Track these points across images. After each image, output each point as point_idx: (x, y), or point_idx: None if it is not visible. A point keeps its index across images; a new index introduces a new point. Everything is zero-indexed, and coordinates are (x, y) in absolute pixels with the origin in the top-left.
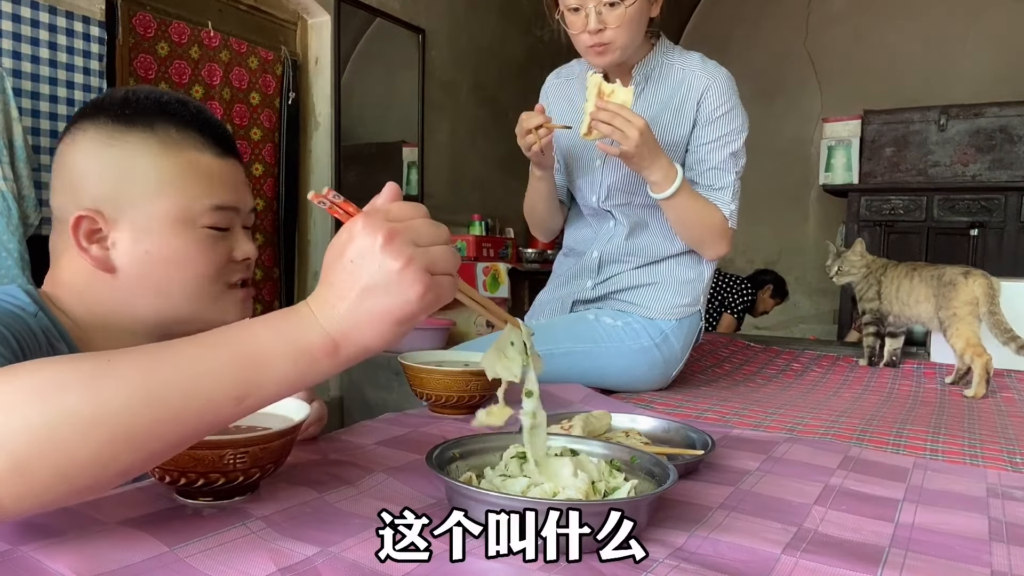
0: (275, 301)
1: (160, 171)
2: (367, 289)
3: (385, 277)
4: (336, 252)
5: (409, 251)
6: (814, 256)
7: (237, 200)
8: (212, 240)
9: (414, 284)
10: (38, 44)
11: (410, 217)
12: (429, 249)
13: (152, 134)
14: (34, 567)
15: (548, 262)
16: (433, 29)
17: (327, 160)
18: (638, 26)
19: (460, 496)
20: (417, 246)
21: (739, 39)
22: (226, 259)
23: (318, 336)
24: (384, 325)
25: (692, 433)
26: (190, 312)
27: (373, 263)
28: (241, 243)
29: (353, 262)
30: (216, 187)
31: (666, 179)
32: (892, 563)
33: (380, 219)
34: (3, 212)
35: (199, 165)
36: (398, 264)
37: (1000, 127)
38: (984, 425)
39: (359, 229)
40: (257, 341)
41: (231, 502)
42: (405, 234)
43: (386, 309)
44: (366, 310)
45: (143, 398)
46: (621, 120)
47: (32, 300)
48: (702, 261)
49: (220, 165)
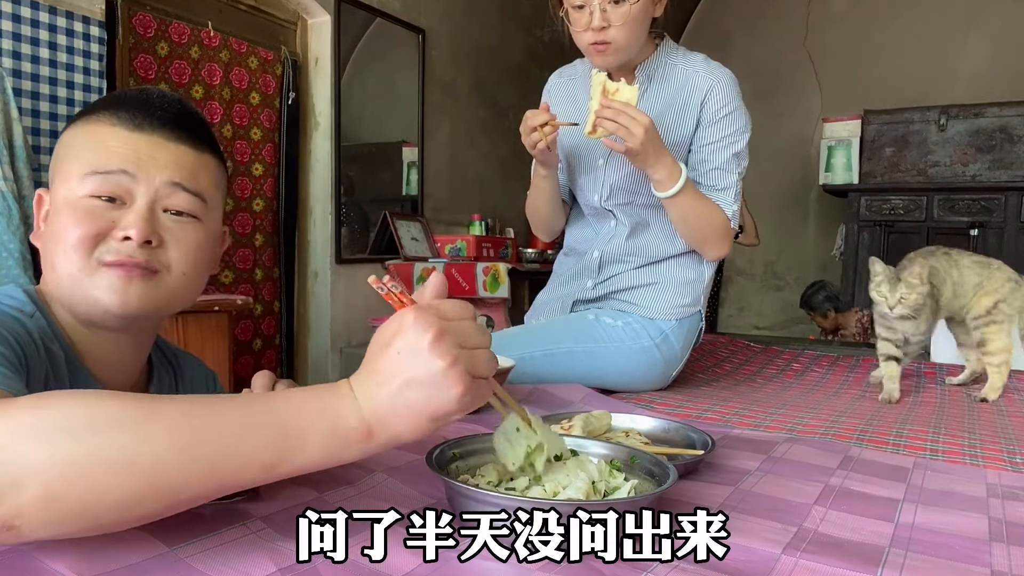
0: (275, 301)
1: (72, 146)
2: (410, 382)
3: (429, 373)
4: (384, 339)
5: (455, 352)
6: (814, 256)
7: (130, 167)
8: (87, 211)
9: (456, 385)
10: (38, 44)
11: (459, 318)
12: (473, 352)
13: (88, 117)
14: (34, 567)
15: (548, 262)
16: (433, 29)
17: (327, 160)
18: (641, 26)
19: (460, 496)
20: (463, 348)
21: (739, 39)
22: (101, 234)
23: (355, 419)
24: (420, 419)
25: (692, 433)
26: (70, 290)
27: (420, 358)
28: (127, 219)
29: (400, 353)
30: (102, 153)
31: (670, 178)
32: (892, 563)
33: (432, 316)
34: (3, 212)
35: (98, 135)
36: (444, 363)
37: (1000, 127)
38: (984, 425)
39: (410, 323)
40: (295, 413)
41: (231, 502)
42: (453, 335)
43: (424, 404)
44: (405, 402)
45: (180, 452)
46: (626, 117)
47: (30, 299)
48: (703, 261)
49: (125, 136)
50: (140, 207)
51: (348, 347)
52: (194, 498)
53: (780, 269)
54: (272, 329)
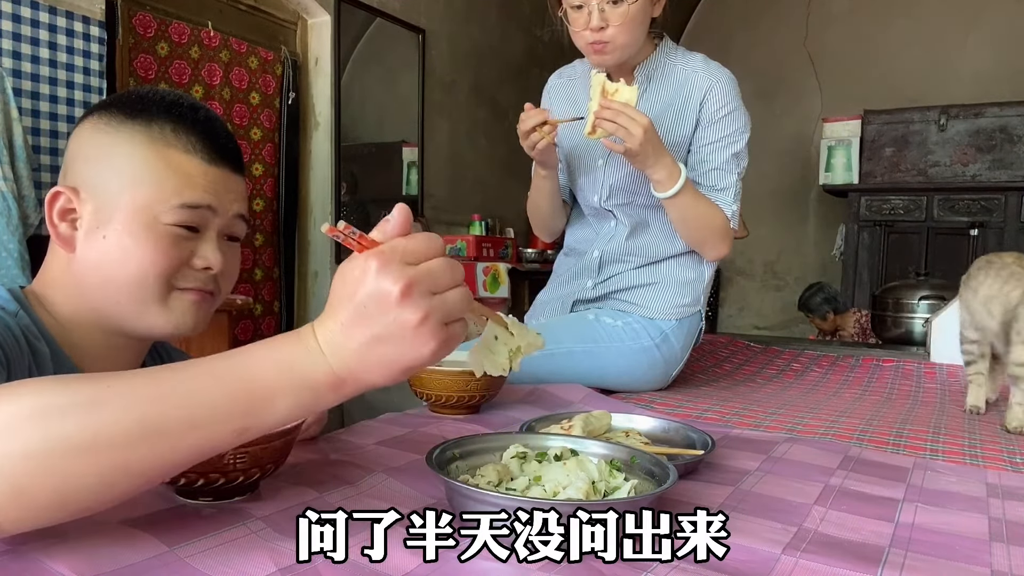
0: (275, 301)
1: (140, 163)
2: (380, 337)
3: (400, 330)
4: (348, 289)
5: (426, 305)
6: (814, 256)
7: (214, 202)
8: (173, 239)
9: (429, 341)
10: (38, 44)
11: (427, 256)
12: (446, 297)
13: (146, 128)
14: (34, 567)
15: (548, 262)
16: (433, 29)
17: (327, 160)
18: (639, 26)
19: (460, 496)
20: (434, 295)
21: (739, 39)
22: (183, 262)
23: (323, 373)
24: (393, 371)
25: (692, 433)
26: (134, 311)
27: (388, 315)
28: (206, 250)
29: (367, 308)
30: (190, 187)
31: (670, 178)
32: (892, 563)
33: (397, 263)
34: (3, 212)
35: (180, 165)
36: (415, 319)
37: (1000, 127)
38: (984, 425)
39: (374, 272)
40: (260, 374)
41: (231, 502)
42: (422, 284)
43: (396, 358)
44: (376, 356)
45: (141, 429)
46: (625, 118)
47: (13, 298)
48: (703, 262)
49: (204, 169)
50: (214, 238)
51: None
52: (167, 472)
53: (780, 269)
54: (272, 329)
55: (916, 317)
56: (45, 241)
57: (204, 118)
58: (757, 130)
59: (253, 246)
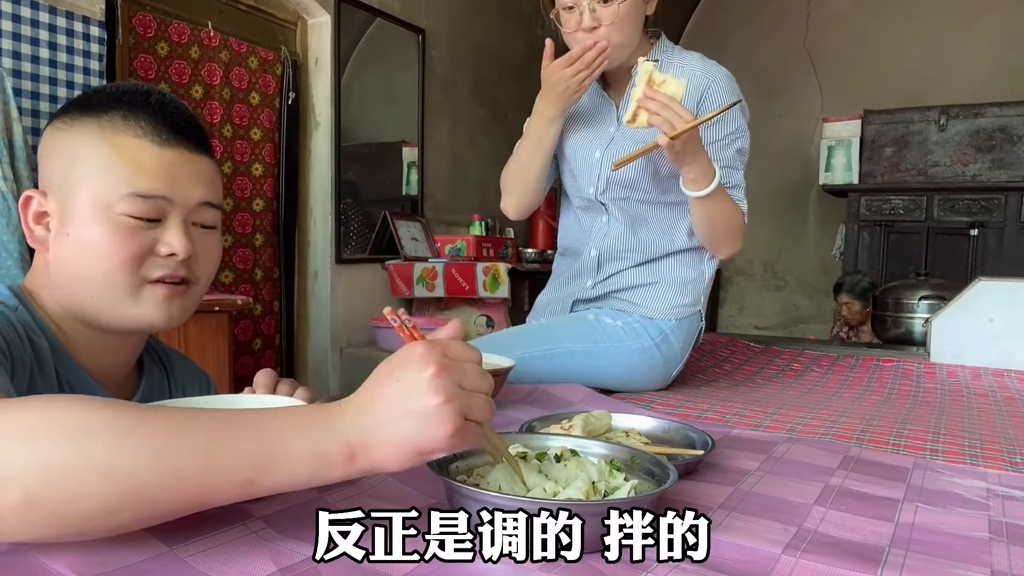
0: (275, 301)
1: (92, 155)
2: (402, 413)
3: (422, 407)
4: (388, 368)
5: (452, 390)
6: (814, 256)
7: (168, 190)
8: (129, 230)
9: (446, 423)
10: (38, 44)
11: (465, 360)
12: (471, 394)
13: (98, 120)
14: (34, 567)
15: (548, 262)
16: (433, 29)
17: (327, 160)
18: (632, 24)
19: (460, 496)
20: (461, 388)
21: (739, 39)
22: (145, 252)
23: (339, 443)
24: (405, 452)
25: (692, 433)
26: (108, 305)
27: (416, 390)
28: (168, 236)
29: (399, 382)
30: (142, 174)
31: (704, 176)
32: (892, 563)
33: (438, 352)
34: (3, 212)
35: (131, 151)
36: (439, 400)
37: (1000, 127)
38: (984, 425)
39: (416, 355)
40: (280, 435)
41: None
42: (453, 373)
43: (412, 437)
44: (394, 431)
45: (160, 464)
46: (671, 112)
47: (12, 294)
48: (703, 260)
49: (156, 152)
50: (178, 224)
51: (348, 347)
52: (171, 511)
53: (780, 269)
54: (272, 329)
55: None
56: None
57: (156, 101)
58: (757, 130)
59: (253, 246)
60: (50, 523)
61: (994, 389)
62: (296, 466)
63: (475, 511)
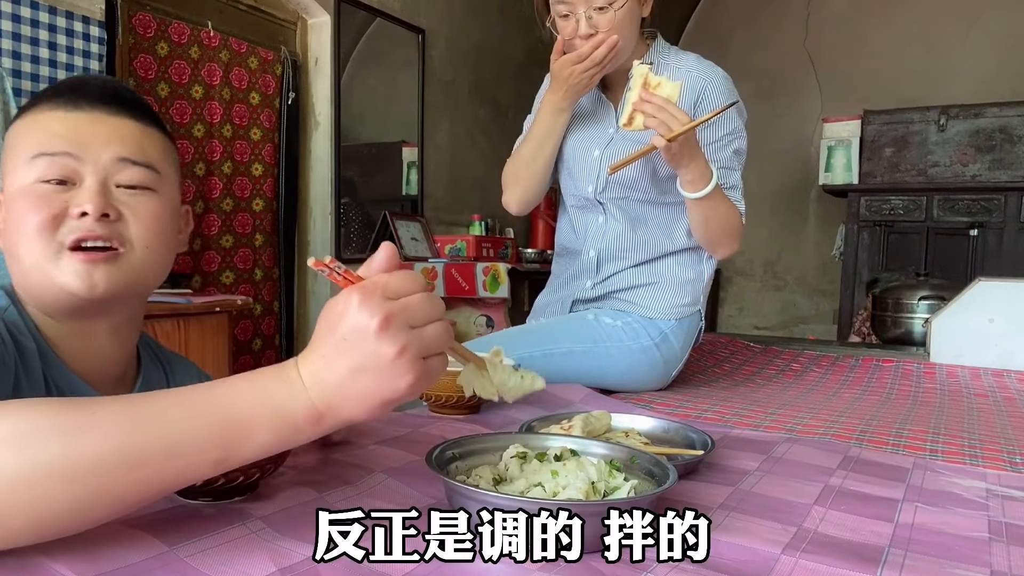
0: (275, 301)
1: (17, 137)
2: (359, 369)
3: (378, 362)
4: (330, 322)
5: (404, 338)
6: (814, 256)
7: (74, 148)
8: (40, 195)
9: (406, 374)
10: (38, 44)
11: (408, 292)
12: (424, 332)
13: (28, 109)
14: (34, 566)
15: (548, 262)
16: (433, 29)
17: (327, 160)
18: (629, 28)
19: (460, 496)
20: (412, 328)
21: (739, 39)
22: (59, 215)
23: (303, 406)
24: (372, 404)
25: (692, 433)
26: (37, 280)
27: (367, 345)
28: (79, 196)
29: (346, 340)
30: (47, 137)
31: (702, 178)
32: (892, 563)
33: (378, 297)
34: None
35: (42, 122)
36: (393, 351)
37: (1000, 127)
38: (984, 425)
39: (355, 306)
40: (240, 406)
41: (231, 502)
42: (401, 316)
43: (376, 391)
44: (355, 388)
45: (122, 458)
46: (667, 114)
47: (4, 294)
48: (702, 260)
49: (65, 117)
50: (91, 184)
51: None
52: (143, 499)
53: (780, 269)
54: (272, 329)
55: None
56: None
57: (78, 79)
58: (757, 130)
59: (253, 246)
60: (24, 531)
61: (994, 389)
62: (264, 437)
63: (475, 511)
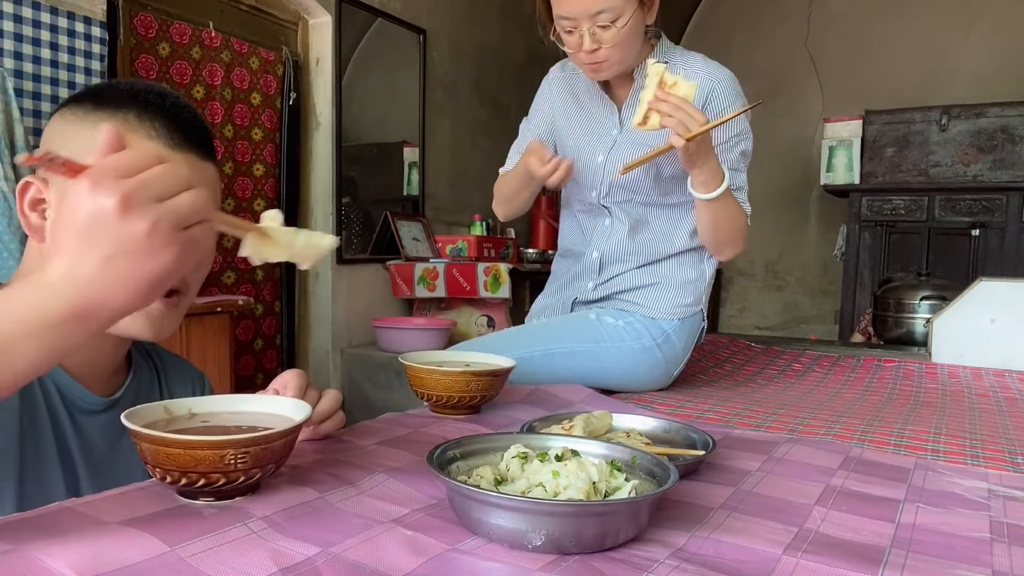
0: (276, 301)
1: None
2: (112, 256)
3: (130, 243)
4: (66, 218)
5: (152, 214)
6: (815, 256)
7: None
8: None
9: (163, 248)
10: (40, 45)
11: (143, 166)
12: (175, 202)
13: (111, 116)
14: (35, 566)
15: (549, 262)
16: (434, 29)
17: (328, 160)
18: (633, 38)
19: (460, 496)
20: (159, 201)
21: (740, 39)
22: None
23: (63, 308)
24: (139, 287)
25: (693, 433)
26: None
27: (112, 230)
28: None
29: (90, 229)
30: None
31: (714, 179)
32: (893, 564)
33: (110, 178)
34: (4, 212)
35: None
36: (142, 228)
37: (1001, 127)
38: (985, 425)
39: (87, 192)
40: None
41: (232, 502)
42: (142, 192)
43: (137, 273)
44: (114, 275)
45: None
46: (684, 114)
47: None
48: (703, 260)
49: (168, 157)
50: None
51: (349, 347)
52: None
53: (781, 269)
54: (273, 329)
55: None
56: None
57: (171, 104)
58: (758, 131)
59: None
60: None
61: (995, 389)
62: (32, 350)
63: (475, 511)
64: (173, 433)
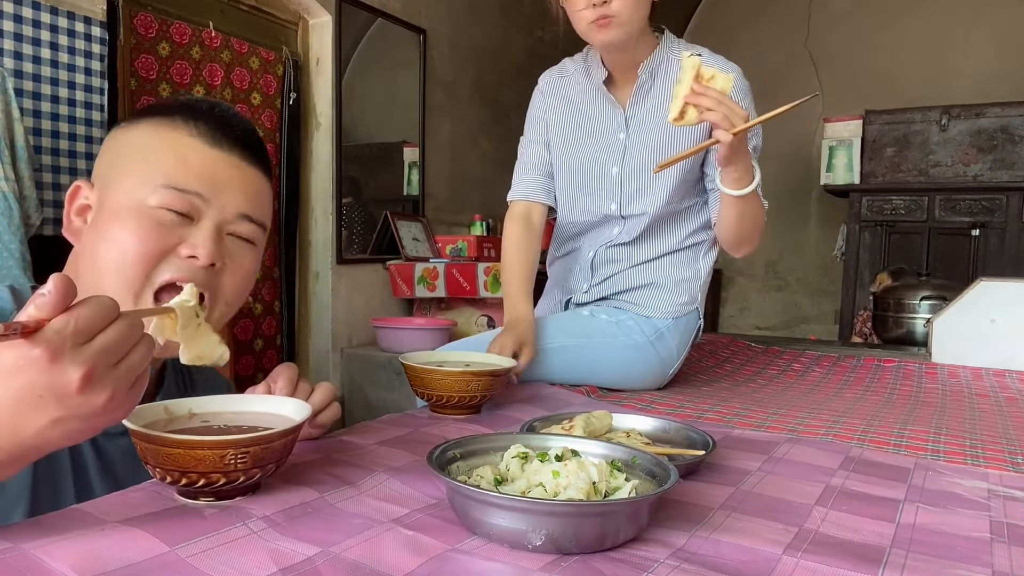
0: (275, 301)
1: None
2: (62, 419)
3: (87, 412)
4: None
5: (111, 383)
6: (815, 256)
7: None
8: (155, 224)
9: (118, 409)
10: (40, 45)
11: (100, 326)
12: (129, 362)
13: (159, 119)
14: (36, 566)
15: None
16: (434, 29)
17: (328, 160)
18: (641, 7)
19: (461, 496)
20: (114, 368)
21: (740, 39)
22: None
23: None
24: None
25: (693, 433)
26: None
27: (70, 402)
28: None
29: (42, 399)
30: (182, 169)
31: (747, 174)
32: (893, 564)
33: (68, 347)
34: (4, 212)
35: (178, 145)
36: (101, 400)
37: (1001, 127)
38: (985, 425)
39: (45, 366)
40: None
41: (232, 502)
42: (103, 363)
43: (86, 430)
44: (60, 432)
45: None
46: (726, 108)
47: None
48: (699, 258)
49: (205, 152)
50: (209, 228)
51: (349, 347)
52: None
53: (781, 269)
54: (273, 329)
55: (917, 317)
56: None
57: (218, 111)
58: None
59: None
60: None
61: (995, 389)
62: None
63: (475, 512)
64: (173, 433)
